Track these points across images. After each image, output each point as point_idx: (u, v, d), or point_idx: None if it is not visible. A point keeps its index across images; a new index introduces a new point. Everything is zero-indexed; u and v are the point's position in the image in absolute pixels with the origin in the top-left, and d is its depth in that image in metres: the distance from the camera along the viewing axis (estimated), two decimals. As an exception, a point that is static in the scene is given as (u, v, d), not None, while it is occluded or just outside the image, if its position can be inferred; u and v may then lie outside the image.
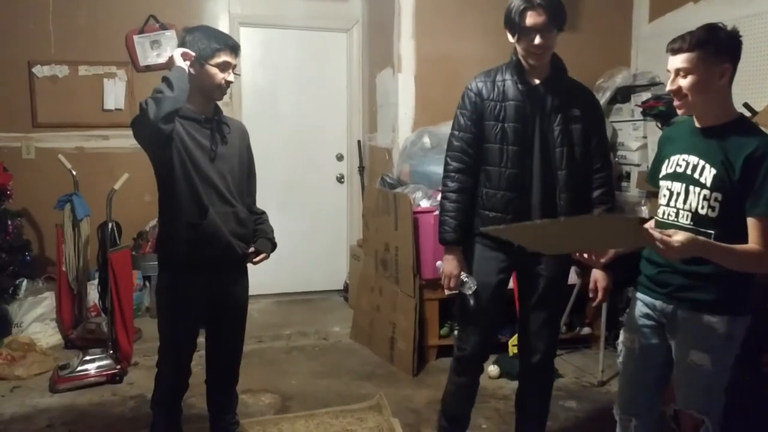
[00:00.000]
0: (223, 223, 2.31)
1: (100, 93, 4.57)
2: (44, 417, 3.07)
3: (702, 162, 1.85)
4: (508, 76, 2.37)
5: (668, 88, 1.91)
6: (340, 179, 5.24)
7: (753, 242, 1.77)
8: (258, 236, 2.52)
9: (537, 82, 2.35)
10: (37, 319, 4.02)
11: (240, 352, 2.60)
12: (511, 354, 3.70)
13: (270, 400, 3.31)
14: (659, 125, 3.87)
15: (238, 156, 2.43)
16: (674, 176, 1.93)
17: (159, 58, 4.60)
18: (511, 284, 2.67)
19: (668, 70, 1.88)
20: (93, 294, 4.09)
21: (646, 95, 4.04)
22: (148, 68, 4.60)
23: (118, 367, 3.49)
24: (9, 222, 4.06)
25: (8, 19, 4.40)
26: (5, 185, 4.05)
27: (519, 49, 2.32)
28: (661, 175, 1.99)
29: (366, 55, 5.04)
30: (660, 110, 3.80)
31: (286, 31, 4.96)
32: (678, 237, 1.69)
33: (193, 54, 2.22)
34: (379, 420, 3.05)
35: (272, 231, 2.59)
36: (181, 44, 2.29)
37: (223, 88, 2.30)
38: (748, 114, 3.47)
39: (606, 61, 4.48)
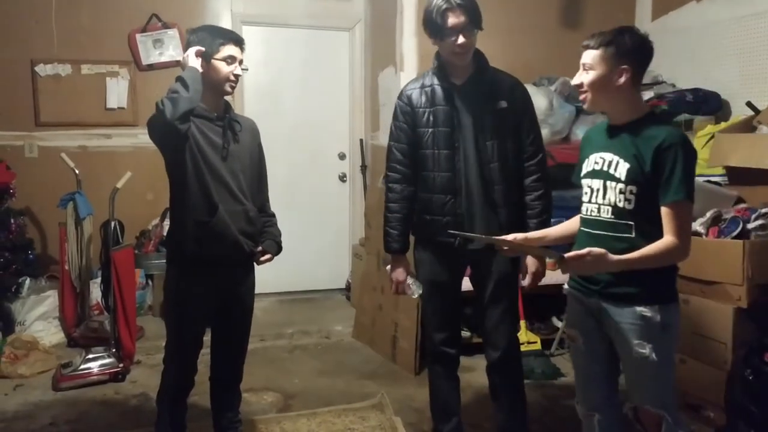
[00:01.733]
0: (233, 221, 2.32)
1: (102, 92, 4.57)
2: (47, 415, 3.08)
3: (616, 158, 1.94)
4: (434, 81, 2.44)
5: (573, 81, 2.02)
6: (342, 178, 5.24)
7: (666, 232, 1.84)
8: (266, 237, 2.52)
9: (461, 81, 2.42)
10: (40, 317, 4.03)
11: (245, 350, 2.61)
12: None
13: (272, 398, 3.31)
14: (662, 124, 3.87)
15: (249, 154, 2.45)
16: (592, 174, 2.01)
17: (161, 56, 4.61)
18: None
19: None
20: (96, 292, 4.09)
21: (648, 94, 4.03)
22: (151, 67, 4.61)
23: (121, 365, 3.49)
24: (12, 221, 4.07)
25: (11, 18, 4.40)
26: (8, 184, 4.05)
27: (442, 50, 2.40)
28: (582, 174, 2.06)
29: (368, 54, 5.03)
30: (663, 109, 3.79)
31: (288, 30, 4.96)
32: (593, 251, 1.79)
33: (203, 49, 2.24)
34: (381, 419, 3.05)
35: (280, 235, 2.62)
36: (187, 46, 2.30)
37: (232, 82, 2.31)
38: (751, 112, 3.47)
39: (609, 59, 4.47)
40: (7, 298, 4.00)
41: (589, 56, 1.93)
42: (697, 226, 3.08)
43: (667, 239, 1.84)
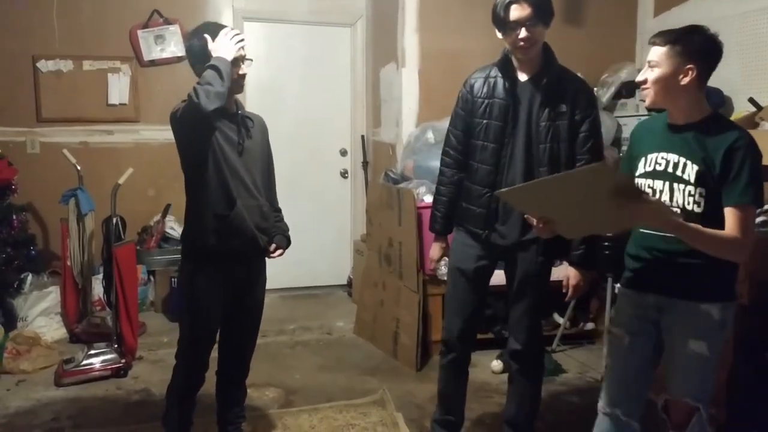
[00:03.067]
0: (249, 215, 2.34)
1: (104, 88, 4.57)
2: (49, 411, 3.08)
3: (683, 159, 1.89)
4: (499, 73, 2.42)
5: (637, 78, 1.97)
6: (343, 174, 5.24)
7: (730, 230, 1.81)
8: (276, 232, 2.55)
9: (526, 77, 2.38)
10: (42, 313, 4.03)
11: (253, 347, 2.62)
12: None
13: (274, 394, 3.32)
14: (664, 120, 3.86)
15: (260, 150, 2.48)
16: (654, 174, 1.96)
17: (163, 52, 4.60)
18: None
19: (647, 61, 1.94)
20: (98, 288, 4.10)
21: (650, 90, 4.02)
22: (152, 63, 4.60)
23: (123, 361, 3.50)
24: (14, 216, 4.07)
25: (13, 14, 4.40)
26: (10, 180, 4.06)
27: (507, 44, 2.37)
28: (638, 173, 2.01)
29: (370, 50, 5.03)
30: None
31: (290, 26, 4.95)
32: (654, 203, 1.76)
33: (242, 37, 2.27)
34: (383, 414, 3.06)
35: (288, 230, 2.64)
36: (188, 55, 2.32)
37: (239, 81, 2.32)
38: (753, 108, 3.46)
39: (611, 55, 4.47)
40: (9, 294, 4.01)
41: (656, 53, 1.89)
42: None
43: (731, 234, 1.80)
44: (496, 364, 3.58)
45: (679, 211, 1.89)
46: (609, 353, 2.19)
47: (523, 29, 2.25)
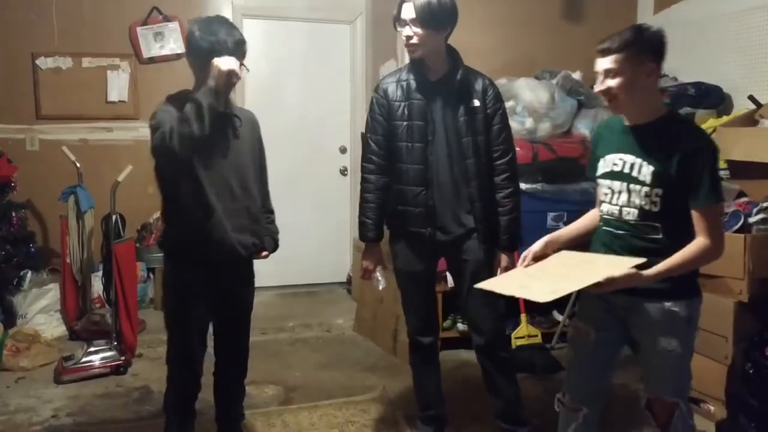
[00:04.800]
0: (232, 220, 2.26)
1: (103, 85, 4.57)
2: (49, 408, 3.09)
3: (638, 160, 1.91)
4: (410, 76, 2.49)
5: (597, 89, 1.94)
6: (343, 172, 5.24)
7: (698, 233, 1.85)
8: (264, 233, 2.51)
9: (435, 78, 2.46)
10: (42, 310, 4.03)
11: (247, 346, 2.59)
12: (513, 347, 3.70)
13: (274, 391, 3.32)
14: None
15: (250, 149, 2.41)
16: (612, 175, 1.98)
17: (162, 50, 4.60)
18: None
19: (596, 72, 1.92)
20: (97, 285, 4.10)
21: (650, 87, 4.02)
22: (152, 60, 4.60)
23: (123, 358, 3.50)
24: (13, 214, 4.07)
25: (12, 11, 4.40)
26: (9, 177, 4.05)
27: None
28: (598, 174, 2.05)
29: (370, 47, 5.02)
30: (665, 103, 3.77)
31: (289, 23, 4.95)
32: (619, 274, 1.79)
33: (239, 78, 2.20)
34: (382, 411, 3.06)
35: (278, 232, 2.61)
36: (189, 39, 2.25)
37: (233, 83, 2.23)
38: (753, 106, 3.46)
39: (611, 53, 4.46)
40: (8, 291, 4.01)
41: (613, 61, 1.85)
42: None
43: (699, 241, 1.84)
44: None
45: (637, 211, 1.91)
46: (572, 346, 2.20)
47: (407, 27, 2.34)
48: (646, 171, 1.88)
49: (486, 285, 2.04)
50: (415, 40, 2.36)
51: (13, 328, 3.82)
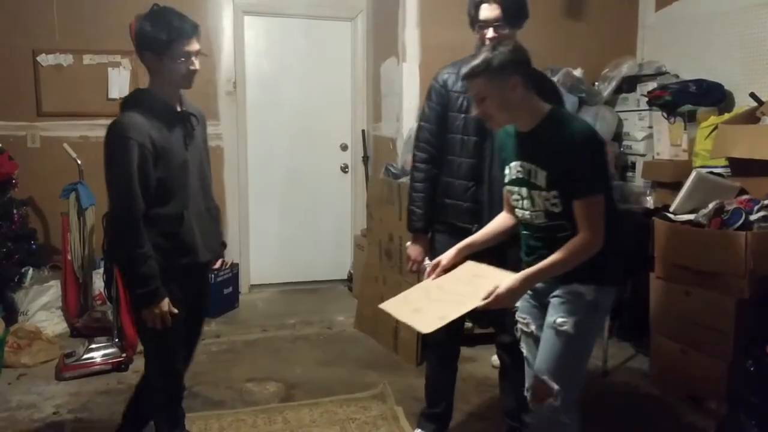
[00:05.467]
0: (199, 224, 2.21)
1: (104, 82, 4.56)
2: (50, 405, 3.09)
3: (533, 166, 1.95)
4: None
5: (474, 113, 2.01)
6: (344, 169, 5.24)
7: (579, 227, 1.88)
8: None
9: None
10: (43, 307, 4.04)
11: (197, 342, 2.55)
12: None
13: (274, 388, 3.32)
14: (665, 115, 3.86)
15: (203, 146, 2.33)
16: (518, 182, 2.03)
17: (163, 47, 4.58)
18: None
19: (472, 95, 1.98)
20: (98, 282, 4.09)
21: (652, 85, 4.02)
22: (153, 57, 4.59)
23: (124, 355, 3.51)
24: (14, 211, 4.07)
25: (13, 7, 4.39)
26: (11, 174, 4.05)
27: (477, 41, 2.39)
28: (506, 181, 2.08)
29: (370, 44, 5.02)
30: (666, 100, 3.78)
31: (290, 20, 4.94)
32: (501, 289, 1.85)
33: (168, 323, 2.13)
34: (383, 409, 3.06)
35: (223, 234, 2.56)
36: (137, 37, 2.18)
37: (188, 78, 2.17)
38: (754, 103, 3.45)
39: (612, 50, 4.46)
40: (10, 288, 4.01)
41: (476, 86, 1.92)
42: (700, 217, 3.08)
43: (578, 237, 1.88)
44: (497, 359, 3.58)
45: (543, 213, 1.96)
46: (522, 342, 2.21)
47: (491, 29, 2.29)
48: (541, 176, 1.93)
49: (385, 305, 2.12)
50: (500, 42, 2.31)
51: (15, 324, 3.82)
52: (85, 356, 3.43)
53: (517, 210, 2.07)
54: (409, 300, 2.13)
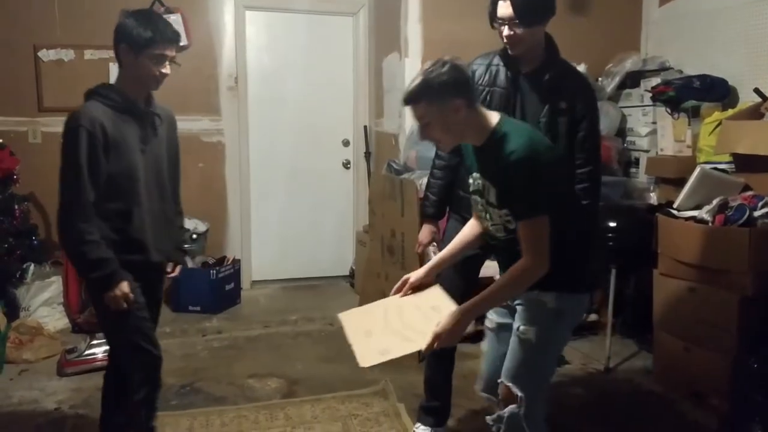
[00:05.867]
0: (152, 223, 2.21)
1: (105, 77, 4.52)
2: (52, 400, 3.09)
3: (486, 182, 1.93)
4: (501, 62, 2.40)
5: (420, 139, 1.98)
6: (346, 165, 5.22)
7: (522, 251, 1.83)
8: (177, 243, 2.43)
9: (527, 69, 2.36)
10: (45, 303, 4.03)
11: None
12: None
13: (276, 384, 3.32)
14: (669, 111, 3.84)
15: (167, 148, 2.32)
16: (478, 193, 2.01)
17: (165, 42, 4.57)
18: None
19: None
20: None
21: (655, 80, 4.00)
22: (154, 52, 4.58)
23: (125, 351, 3.50)
24: (16, 206, 4.06)
25: (14, 3, 4.38)
26: (12, 170, 4.04)
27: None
28: (470, 190, 2.06)
29: (372, 39, 5.00)
30: (670, 96, 3.77)
31: (291, 15, 4.93)
32: (439, 330, 1.82)
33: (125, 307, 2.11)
34: (385, 405, 3.06)
35: (184, 238, 2.51)
36: (119, 28, 2.16)
37: (158, 79, 2.18)
38: (759, 99, 3.44)
39: (616, 45, 4.44)
40: (11, 284, 4.00)
41: (419, 112, 1.85)
42: (704, 213, 3.07)
43: (520, 261, 1.83)
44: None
45: (501, 227, 1.93)
46: (487, 342, 2.20)
47: (506, 27, 2.25)
48: (492, 193, 1.91)
49: (344, 317, 2.15)
50: (516, 40, 2.27)
51: (16, 320, 3.82)
52: (87, 352, 3.43)
53: (481, 220, 2.06)
54: (368, 316, 2.12)
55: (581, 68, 4.15)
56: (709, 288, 3.00)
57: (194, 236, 4.57)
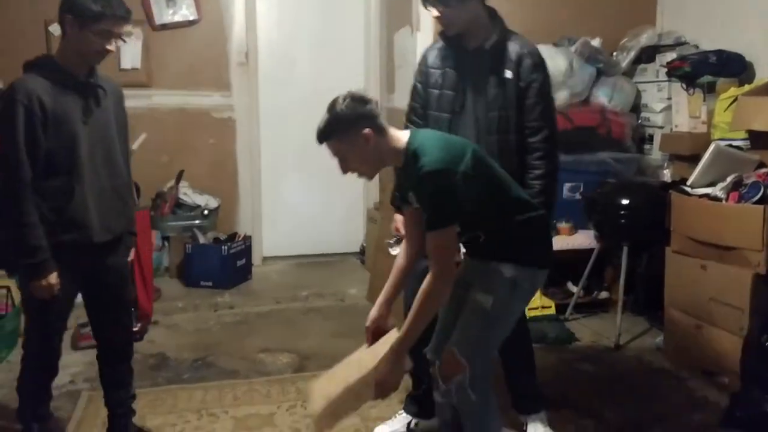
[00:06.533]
0: (97, 202, 2.13)
1: (116, 52, 4.52)
2: (66, 374, 3.12)
3: (414, 198, 1.96)
4: (444, 43, 2.41)
5: (342, 172, 2.02)
6: (357, 141, 5.20)
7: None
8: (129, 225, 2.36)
9: (473, 46, 2.35)
10: (59, 277, 4.07)
11: (130, 324, 2.49)
12: (527, 317, 3.69)
13: (288, 359, 3.35)
14: (684, 86, 3.79)
15: (114, 121, 2.23)
16: (418, 210, 2.01)
17: (175, 16, 4.55)
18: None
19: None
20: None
21: (671, 55, 3.94)
22: (164, 27, 4.55)
23: (139, 325, 3.54)
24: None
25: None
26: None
27: None
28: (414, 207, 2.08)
29: (384, 14, 4.95)
30: (685, 71, 3.71)
31: (302, -10, 4.88)
32: (379, 378, 1.90)
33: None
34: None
35: (134, 220, 2.41)
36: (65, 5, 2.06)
37: (103, 54, 2.10)
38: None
39: (630, 20, 4.36)
40: (25, 259, 4.03)
41: (332, 148, 1.93)
42: (718, 191, 3.04)
43: (427, 279, 1.87)
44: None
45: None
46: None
47: (434, 9, 2.27)
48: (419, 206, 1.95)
49: (312, 383, 2.19)
50: (443, 21, 2.28)
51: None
52: (101, 326, 3.46)
53: None
54: (331, 380, 2.12)
55: (596, 43, 4.10)
56: (721, 266, 2.98)
57: (205, 212, 4.59)
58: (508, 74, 2.31)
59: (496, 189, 1.99)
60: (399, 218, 2.59)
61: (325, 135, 1.91)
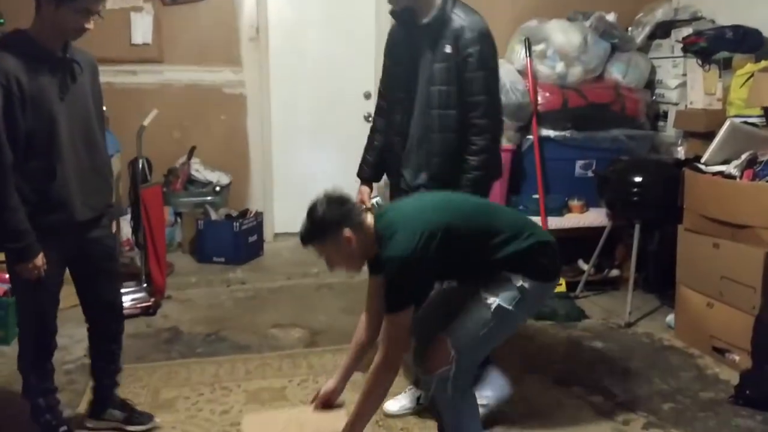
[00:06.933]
0: (78, 181, 2.10)
1: (127, 27, 4.52)
2: (81, 347, 3.17)
3: None
4: (406, 17, 2.42)
5: (330, 270, 2.09)
6: (367, 118, 5.17)
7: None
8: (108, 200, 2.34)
9: (424, 20, 2.35)
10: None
11: (119, 301, 2.48)
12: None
13: (299, 334, 3.38)
14: (700, 62, 3.74)
15: (91, 96, 2.18)
16: None
17: (185, -9, 4.52)
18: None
19: None
20: (126, 229, 4.15)
21: (687, 30, 3.89)
22: (175, 2, 4.52)
23: (152, 299, 3.58)
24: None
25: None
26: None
27: None
28: None
29: (396, -11, 4.89)
30: (701, 46, 3.66)
31: (313, -36, 4.83)
32: None
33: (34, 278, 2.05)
34: (404, 355, 3.09)
35: (112, 192, 2.40)
36: None
37: (80, 32, 2.03)
38: None
39: (646, -6, 4.31)
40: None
41: (318, 251, 2.00)
42: (732, 168, 3.01)
43: (374, 361, 1.96)
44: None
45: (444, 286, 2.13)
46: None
47: None
48: None
49: (249, 417, 2.29)
50: None
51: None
52: (115, 300, 3.49)
53: None
54: (269, 425, 2.14)
55: (610, 17, 4.04)
56: (734, 244, 2.97)
57: (217, 188, 4.60)
58: (448, 49, 2.30)
59: (475, 245, 1.97)
60: (365, 190, 2.68)
61: (308, 241, 1.98)
